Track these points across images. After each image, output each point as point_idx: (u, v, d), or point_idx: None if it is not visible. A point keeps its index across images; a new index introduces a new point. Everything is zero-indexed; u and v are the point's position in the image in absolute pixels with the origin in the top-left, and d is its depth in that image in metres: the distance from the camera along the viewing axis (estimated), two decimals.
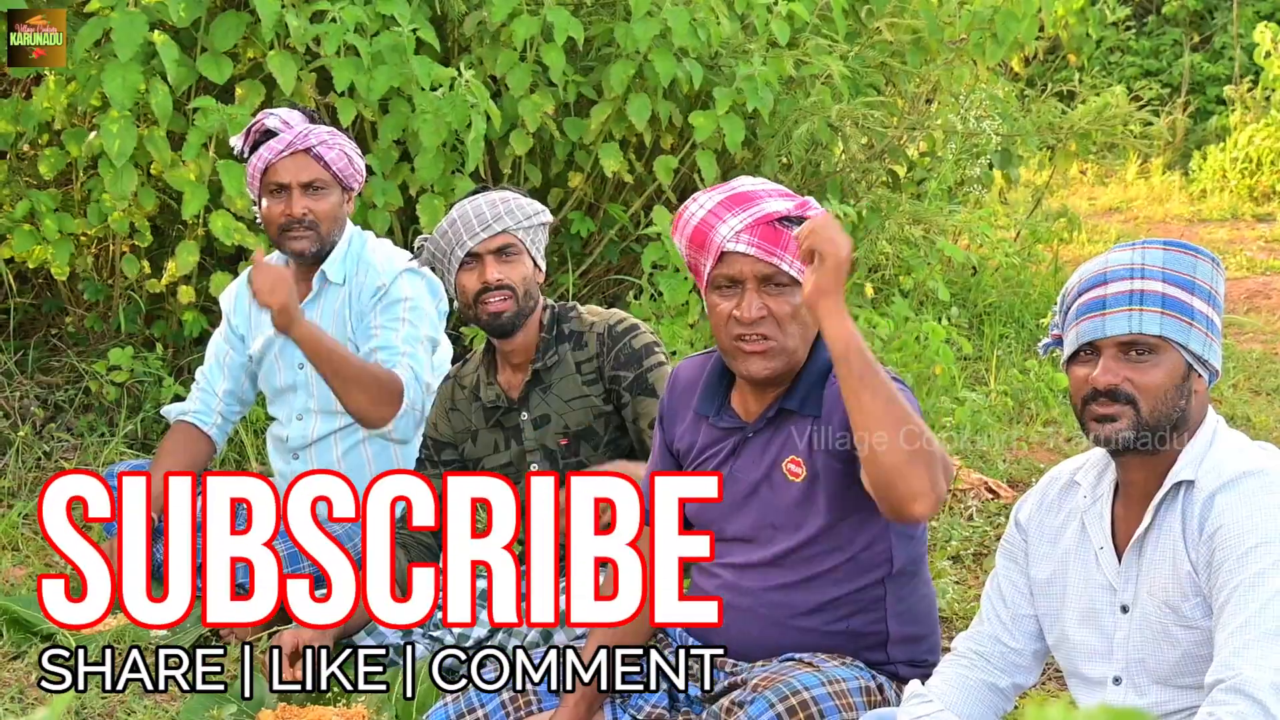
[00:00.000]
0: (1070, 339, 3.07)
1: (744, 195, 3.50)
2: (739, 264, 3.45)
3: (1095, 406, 3.02)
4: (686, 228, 3.51)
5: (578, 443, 4.46)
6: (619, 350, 4.40)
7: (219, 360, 5.19)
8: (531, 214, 4.41)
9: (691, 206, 3.52)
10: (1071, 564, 3.20)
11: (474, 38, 6.73)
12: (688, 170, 7.16)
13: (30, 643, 4.60)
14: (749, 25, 7.30)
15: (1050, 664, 4.40)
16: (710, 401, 3.67)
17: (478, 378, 4.56)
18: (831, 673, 3.44)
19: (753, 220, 3.44)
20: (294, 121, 4.86)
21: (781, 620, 3.59)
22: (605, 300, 7.59)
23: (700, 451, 3.69)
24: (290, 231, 4.85)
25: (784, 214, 3.46)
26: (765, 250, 3.43)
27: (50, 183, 6.40)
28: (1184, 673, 3.00)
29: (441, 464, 4.60)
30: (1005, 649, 3.32)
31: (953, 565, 5.31)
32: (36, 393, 6.44)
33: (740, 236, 3.44)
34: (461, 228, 4.34)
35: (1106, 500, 3.16)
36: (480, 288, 4.35)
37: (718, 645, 3.68)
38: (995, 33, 7.93)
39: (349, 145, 4.92)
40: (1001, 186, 10.22)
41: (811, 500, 3.52)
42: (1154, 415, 2.99)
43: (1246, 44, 13.93)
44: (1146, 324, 2.98)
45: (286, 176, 4.83)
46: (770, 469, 3.58)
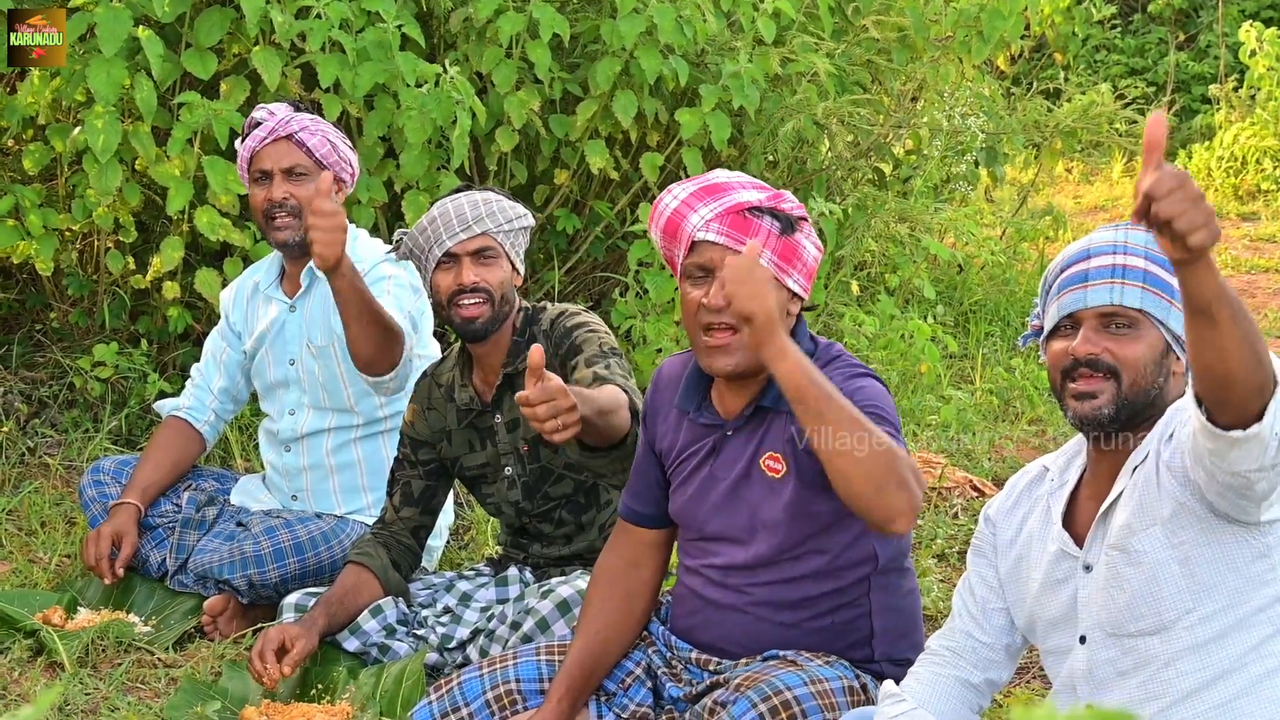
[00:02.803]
0: (1051, 313, 3.09)
1: (716, 186, 3.52)
2: (709, 252, 3.47)
3: (1075, 384, 3.03)
4: (660, 219, 3.53)
5: (536, 447, 4.45)
6: (557, 340, 4.34)
7: (215, 357, 5.19)
8: (513, 217, 4.37)
9: (665, 198, 3.54)
10: (1034, 544, 3.21)
11: (460, 34, 6.72)
12: (674, 167, 7.16)
13: (14, 639, 4.59)
14: (735, 23, 7.30)
15: (1035, 662, 4.41)
16: (690, 398, 3.67)
17: (453, 378, 4.54)
18: (814, 672, 3.44)
19: (723, 210, 3.46)
20: (279, 111, 4.88)
21: (765, 617, 3.59)
22: (591, 297, 7.59)
23: (681, 450, 3.70)
24: (274, 220, 4.84)
25: (755, 204, 3.47)
26: (734, 239, 3.44)
27: (35, 178, 6.39)
28: (1133, 617, 3.01)
29: (420, 463, 4.59)
30: (977, 644, 3.33)
31: (938, 564, 5.32)
32: (20, 388, 6.42)
33: (710, 225, 3.46)
34: (441, 227, 4.30)
35: (1071, 485, 3.17)
36: (456, 289, 4.30)
37: (701, 642, 3.68)
38: (981, 31, 7.93)
39: (333, 133, 4.92)
40: (987, 184, 10.24)
41: (792, 496, 3.52)
42: (1134, 389, 3.00)
43: (1232, 43, 13.94)
44: (1128, 297, 2.99)
45: (269, 163, 4.84)
46: (750, 466, 3.58)
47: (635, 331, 6.85)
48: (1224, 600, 2.95)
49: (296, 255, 4.94)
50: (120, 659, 4.53)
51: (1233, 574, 2.94)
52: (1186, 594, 2.96)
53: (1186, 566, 2.95)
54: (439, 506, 4.65)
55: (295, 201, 4.83)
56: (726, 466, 3.61)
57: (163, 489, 5.04)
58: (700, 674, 3.66)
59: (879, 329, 7.39)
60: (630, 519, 3.81)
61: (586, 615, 3.77)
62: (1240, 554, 2.94)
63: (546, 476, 4.47)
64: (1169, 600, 2.97)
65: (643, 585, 3.80)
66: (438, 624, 4.42)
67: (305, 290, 4.97)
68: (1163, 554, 2.96)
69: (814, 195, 7.55)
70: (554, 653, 3.79)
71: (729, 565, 3.62)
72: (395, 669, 4.20)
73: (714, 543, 3.65)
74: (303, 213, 4.82)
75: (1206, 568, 2.94)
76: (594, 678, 3.71)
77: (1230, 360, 2.58)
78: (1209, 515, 2.92)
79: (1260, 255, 10.94)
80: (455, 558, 5.36)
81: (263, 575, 4.72)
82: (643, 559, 3.80)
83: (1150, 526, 2.97)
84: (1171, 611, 2.97)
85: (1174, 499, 2.94)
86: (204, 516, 5.01)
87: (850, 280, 8.03)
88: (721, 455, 3.63)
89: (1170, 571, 2.96)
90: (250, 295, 5.14)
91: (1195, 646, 2.97)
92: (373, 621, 4.39)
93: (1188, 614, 2.96)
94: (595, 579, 3.82)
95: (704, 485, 3.64)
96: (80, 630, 4.58)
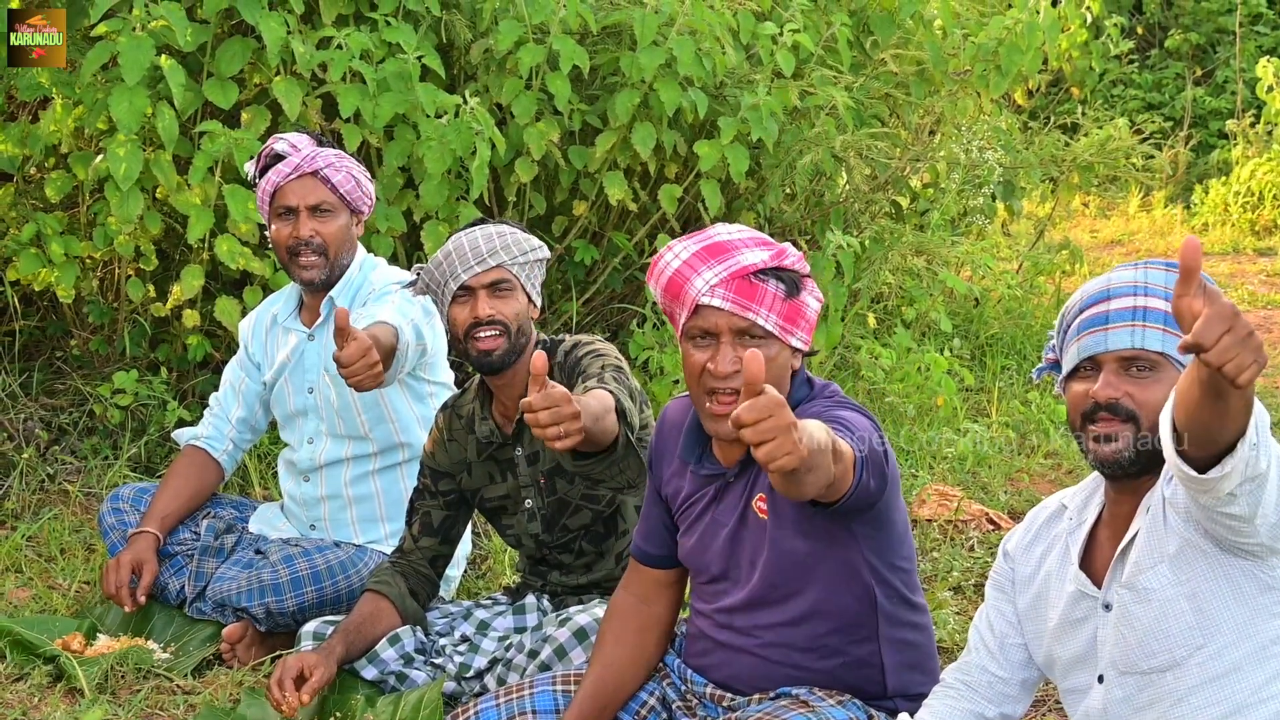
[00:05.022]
0: (1071, 354, 3.08)
1: (720, 246, 3.44)
2: (713, 318, 3.41)
3: (1095, 426, 3.02)
4: (661, 277, 3.46)
5: (553, 480, 4.46)
6: (569, 371, 4.34)
7: (234, 387, 5.20)
8: (528, 249, 4.36)
9: (667, 255, 3.47)
10: (1052, 583, 3.21)
11: (480, 65, 6.75)
12: (692, 199, 7.18)
13: (34, 665, 4.60)
14: (754, 55, 7.32)
15: (1051, 695, 4.41)
16: (692, 449, 3.65)
17: (473, 410, 4.54)
18: (826, 713, 3.44)
19: (728, 274, 3.39)
20: (301, 145, 4.88)
21: (775, 659, 3.59)
22: (608, 328, 7.60)
23: (686, 499, 3.70)
24: (299, 256, 4.85)
25: (760, 266, 3.40)
26: (740, 305, 3.39)
27: (56, 206, 6.42)
28: (1145, 654, 3.01)
29: (440, 493, 4.60)
30: (993, 678, 3.33)
31: (953, 596, 5.31)
32: (41, 415, 6.45)
33: (715, 291, 3.39)
34: (456, 260, 4.29)
35: (1089, 524, 3.17)
36: (471, 322, 4.30)
37: (715, 679, 3.69)
38: (999, 65, 7.96)
39: (356, 168, 4.94)
40: (1004, 218, 10.24)
41: (779, 534, 3.50)
42: (1153, 431, 2.98)
43: (1249, 78, 13.96)
44: (1149, 340, 2.99)
45: (294, 199, 4.84)
46: (744, 509, 3.57)
47: (653, 363, 6.86)
48: (1234, 635, 2.95)
49: (318, 289, 4.95)
50: (139, 685, 4.54)
51: (1241, 607, 2.94)
52: (1196, 630, 2.95)
53: (1194, 602, 2.95)
54: (458, 536, 4.66)
55: (321, 240, 4.85)
56: (727, 512, 3.61)
57: (181, 518, 5.05)
58: (714, 709, 3.67)
59: (895, 362, 7.39)
60: (641, 560, 3.83)
61: (600, 649, 3.78)
62: (1247, 587, 2.93)
63: (564, 509, 4.48)
64: (1179, 637, 2.96)
65: (656, 621, 3.82)
66: (455, 653, 4.42)
67: (324, 320, 4.98)
68: (1170, 591, 2.96)
69: (831, 228, 7.56)
70: (570, 682, 3.80)
71: (732, 607, 3.62)
72: (413, 697, 4.21)
73: (719, 584, 3.65)
74: (328, 250, 4.85)
75: (1215, 603, 2.94)
76: (607, 711, 3.72)
77: (1230, 424, 2.59)
78: (1214, 550, 2.92)
79: (1277, 291, 10.94)
80: (473, 587, 5.37)
81: (280, 603, 4.73)
82: (654, 596, 3.82)
83: (1158, 564, 2.97)
84: (1183, 648, 2.96)
85: (1179, 535, 2.94)
86: (222, 544, 5.02)
87: (867, 313, 8.03)
88: (723, 502, 3.62)
89: (1179, 608, 2.95)
90: (269, 327, 5.15)
91: (1209, 681, 2.96)
92: (390, 650, 4.39)
93: (1199, 650, 2.96)
94: (609, 615, 3.83)
95: (707, 532, 3.64)
96: (99, 657, 4.59)
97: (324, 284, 4.90)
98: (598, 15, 6.76)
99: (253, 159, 5.01)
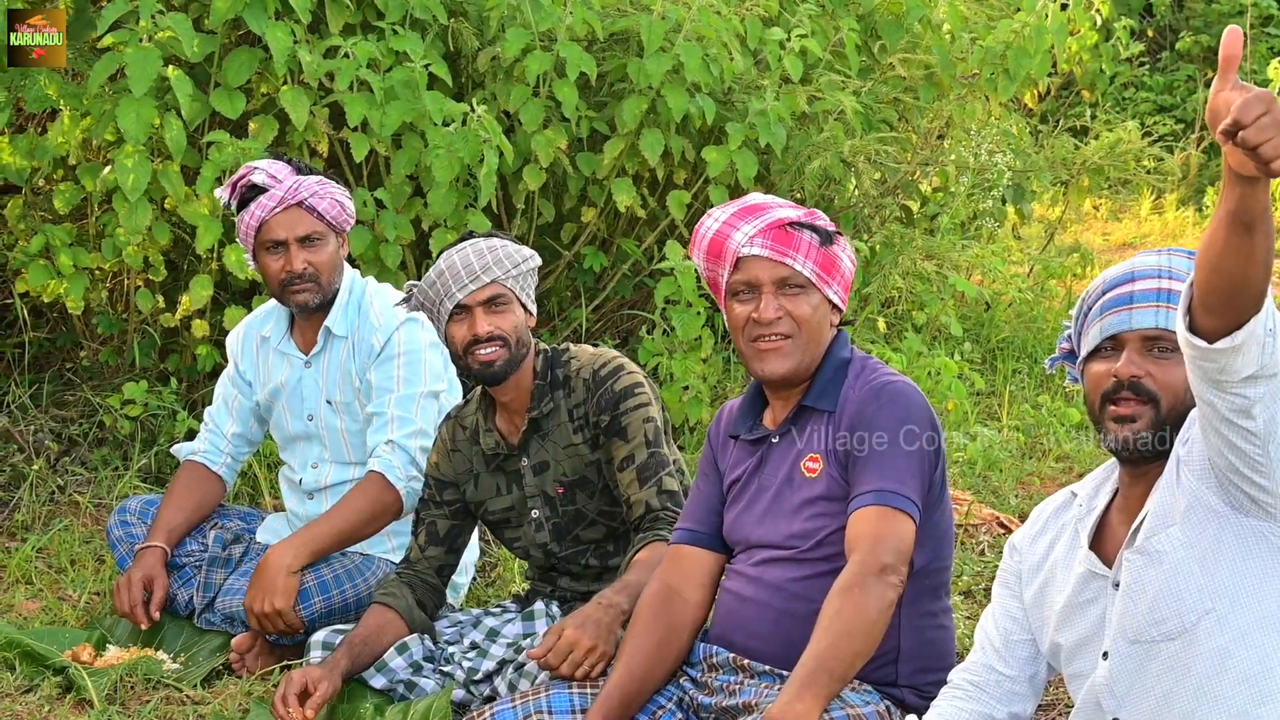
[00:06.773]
0: (1092, 335, 3.10)
1: (755, 206, 3.71)
2: (755, 268, 3.63)
3: (1115, 406, 3.04)
4: (703, 241, 3.69)
5: (573, 491, 4.45)
6: (601, 395, 4.37)
7: (226, 403, 5.19)
8: (519, 261, 4.37)
9: (707, 221, 3.71)
10: (1059, 568, 3.22)
11: (487, 73, 6.75)
12: (700, 205, 7.17)
13: (43, 676, 4.60)
14: (762, 61, 7.32)
15: (1062, 699, 4.39)
16: (744, 421, 3.79)
17: (476, 421, 4.55)
18: (848, 698, 3.48)
19: (765, 225, 3.64)
20: (281, 175, 4.85)
21: (795, 612, 3.60)
22: (618, 335, 7.60)
23: (736, 473, 3.79)
24: (292, 286, 4.85)
25: (794, 219, 3.65)
26: (778, 251, 3.62)
27: (65, 217, 6.43)
28: (1154, 621, 3.01)
29: (444, 504, 4.59)
30: (1000, 676, 3.33)
31: (964, 600, 5.31)
32: (51, 426, 6.45)
33: (754, 241, 3.63)
34: (450, 279, 4.29)
35: (1100, 509, 3.18)
36: (471, 339, 4.31)
37: (735, 643, 3.71)
38: (1008, 68, 7.96)
39: (338, 191, 4.92)
40: (1014, 222, 10.22)
41: (826, 494, 3.60)
42: (1171, 414, 3.02)
43: (1260, 80, 13.93)
44: (1173, 322, 2.99)
45: (283, 232, 4.83)
46: (791, 470, 3.67)
47: (662, 369, 6.85)
48: (1244, 598, 2.95)
49: (313, 312, 4.95)
50: (149, 696, 4.54)
51: (1251, 570, 2.94)
52: (1206, 593, 2.95)
53: (1204, 564, 2.95)
54: (464, 545, 4.65)
55: (314, 269, 4.85)
56: (772, 474, 3.71)
57: (187, 530, 5.04)
58: (730, 677, 3.67)
59: (906, 366, 7.38)
60: (684, 540, 3.85)
61: (628, 644, 3.77)
62: (1257, 549, 2.94)
63: (580, 520, 4.47)
64: (1189, 600, 2.96)
65: (685, 619, 3.81)
66: (464, 659, 4.42)
67: (321, 348, 4.98)
68: (1181, 554, 2.97)
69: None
70: (585, 684, 3.79)
71: (765, 560, 3.67)
72: (421, 706, 4.20)
73: (757, 549, 3.71)
74: (320, 278, 4.86)
75: (1224, 565, 2.95)
76: (632, 707, 3.72)
77: (1252, 267, 2.60)
78: (1227, 509, 2.93)
79: None
80: (482, 594, 5.36)
81: None
82: (689, 586, 3.81)
83: (1169, 526, 2.98)
84: (1192, 613, 2.96)
85: (1190, 493, 2.95)
86: (230, 555, 5.01)
87: (877, 317, 8.03)
88: (767, 465, 3.72)
89: (1189, 569, 2.96)
90: (259, 345, 5.13)
91: (1217, 650, 2.96)
92: (399, 658, 4.39)
93: (1207, 614, 2.95)
94: (639, 610, 3.82)
95: (753, 497, 3.73)
96: (109, 667, 4.59)
97: (318, 307, 4.91)
98: (604, 22, 6.76)
99: (223, 185, 4.99)
